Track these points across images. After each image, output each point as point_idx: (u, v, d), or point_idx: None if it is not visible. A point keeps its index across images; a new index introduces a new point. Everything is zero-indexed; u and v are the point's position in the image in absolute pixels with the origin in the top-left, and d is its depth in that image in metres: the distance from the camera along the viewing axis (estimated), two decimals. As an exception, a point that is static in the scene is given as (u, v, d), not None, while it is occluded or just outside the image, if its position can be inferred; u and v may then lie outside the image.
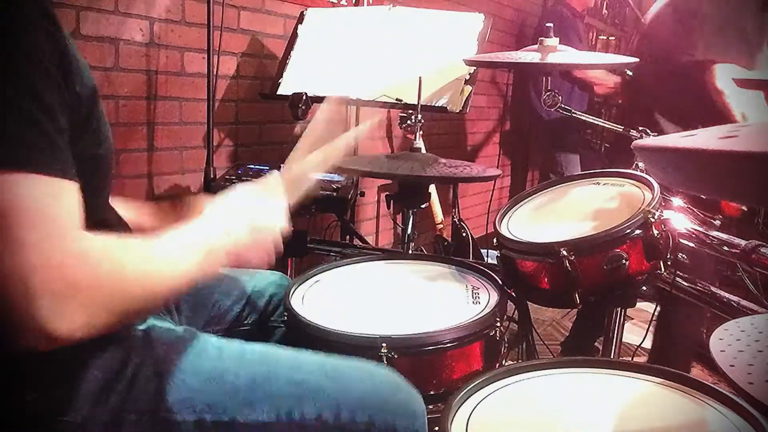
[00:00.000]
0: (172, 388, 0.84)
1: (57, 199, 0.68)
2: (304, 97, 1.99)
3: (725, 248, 1.41)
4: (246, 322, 1.26)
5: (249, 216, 0.92)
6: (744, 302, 1.45)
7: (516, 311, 1.69)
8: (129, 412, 0.82)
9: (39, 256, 0.64)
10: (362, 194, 2.18)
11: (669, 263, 1.31)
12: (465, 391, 0.98)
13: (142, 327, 0.91)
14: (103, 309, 0.69)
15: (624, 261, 1.23)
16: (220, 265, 0.87)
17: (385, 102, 2.05)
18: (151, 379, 0.84)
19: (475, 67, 2.00)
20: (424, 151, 1.67)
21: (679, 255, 1.44)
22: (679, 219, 1.49)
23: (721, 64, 1.87)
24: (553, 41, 1.61)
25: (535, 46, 1.65)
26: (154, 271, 0.77)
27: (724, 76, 1.87)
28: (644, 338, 2.00)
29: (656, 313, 1.90)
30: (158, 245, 0.80)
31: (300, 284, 1.34)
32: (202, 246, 0.83)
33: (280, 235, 0.96)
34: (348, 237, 2.56)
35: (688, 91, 1.95)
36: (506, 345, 1.24)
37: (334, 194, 1.92)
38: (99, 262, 0.69)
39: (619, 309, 1.45)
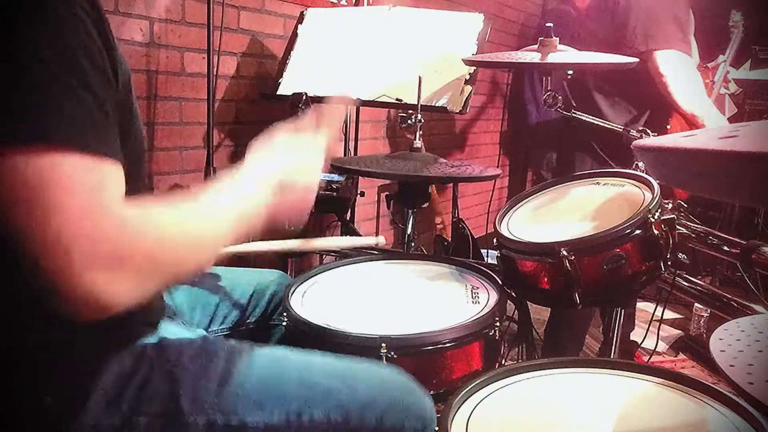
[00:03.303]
0: (183, 390, 0.84)
1: (99, 172, 0.67)
2: (304, 97, 1.99)
3: (725, 248, 1.41)
4: (248, 321, 1.26)
5: (286, 168, 0.93)
6: (744, 302, 1.45)
7: (516, 311, 1.69)
8: (141, 414, 0.82)
9: (80, 226, 0.63)
10: (362, 194, 2.18)
11: (669, 263, 1.31)
12: (465, 391, 0.98)
13: (152, 329, 0.92)
14: (150, 274, 0.69)
15: (624, 261, 1.23)
16: (258, 219, 0.87)
17: (385, 102, 2.05)
18: (162, 382, 0.84)
19: (475, 67, 2.00)
20: (424, 151, 1.67)
21: (679, 255, 1.43)
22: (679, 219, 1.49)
23: (661, 50, 1.94)
24: (553, 41, 1.61)
25: (535, 46, 1.65)
26: (197, 229, 0.77)
27: (664, 62, 1.94)
28: (644, 338, 2.00)
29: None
30: (198, 203, 0.80)
31: (300, 284, 1.34)
32: (241, 199, 0.84)
33: (315, 189, 0.96)
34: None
35: (631, 81, 2.01)
36: (506, 345, 1.24)
37: (334, 194, 1.93)
38: (141, 228, 0.69)
39: (619, 309, 1.45)
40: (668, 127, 2.11)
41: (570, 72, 2.21)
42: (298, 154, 0.96)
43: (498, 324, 1.19)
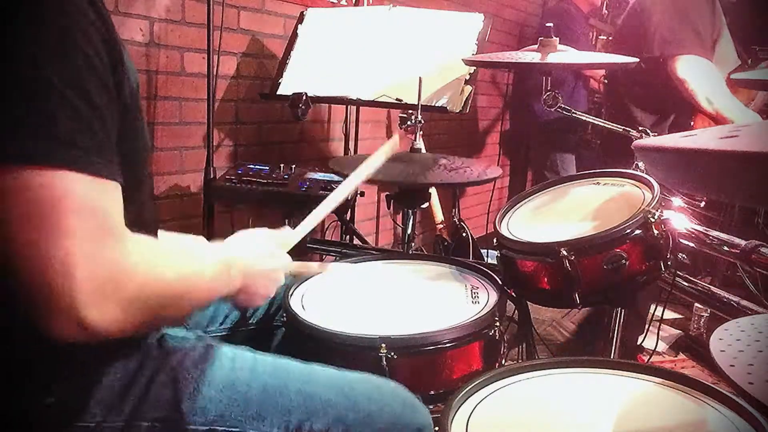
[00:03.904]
0: (185, 396, 0.85)
1: (105, 195, 0.69)
2: (304, 97, 1.99)
3: (725, 248, 1.41)
4: (249, 322, 1.26)
5: (262, 248, 1.00)
6: (744, 302, 1.45)
7: (516, 311, 1.69)
8: (142, 419, 0.82)
9: (87, 248, 0.65)
10: (362, 194, 2.18)
11: (669, 263, 1.31)
12: (465, 391, 0.98)
13: (156, 335, 0.92)
14: (140, 309, 0.71)
15: (624, 261, 1.22)
16: (234, 284, 0.91)
17: (385, 102, 2.05)
18: (165, 387, 0.85)
19: (475, 67, 2.00)
20: (424, 151, 1.67)
21: (679, 255, 1.43)
22: (679, 219, 1.49)
23: (682, 55, 2.04)
24: (553, 41, 1.61)
25: (535, 46, 1.64)
26: (188, 280, 0.80)
27: (684, 66, 2.03)
28: (644, 338, 2.00)
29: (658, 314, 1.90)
30: (191, 256, 0.85)
31: (299, 284, 1.34)
32: (224, 264, 0.88)
33: (282, 275, 1.04)
34: (348, 237, 2.56)
35: (656, 85, 2.12)
36: (506, 345, 1.24)
37: (334, 194, 1.92)
38: (143, 262, 0.71)
39: (619, 309, 1.45)
40: (692, 123, 2.21)
41: (605, 80, 2.26)
42: (271, 241, 1.06)
43: (498, 324, 1.19)
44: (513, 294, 1.44)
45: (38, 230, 0.64)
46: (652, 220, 1.24)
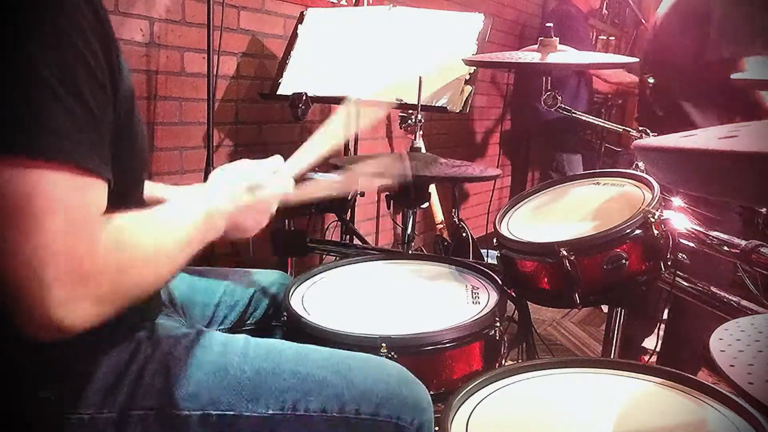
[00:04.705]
0: (177, 383, 0.85)
1: (82, 192, 0.68)
2: (304, 97, 1.99)
3: (725, 248, 1.41)
4: (249, 321, 1.27)
5: (246, 180, 0.97)
6: (744, 302, 1.45)
7: (516, 311, 1.69)
8: (136, 408, 0.83)
9: (55, 247, 0.64)
10: (362, 194, 2.18)
11: (669, 263, 1.31)
12: (465, 391, 0.98)
13: (148, 324, 0.92)
14: (114, 298, 0.70)
15: (624, 261, 1.23)
16: (219, 229, 0.89)
17: (385, 102, 2.05)
18: (157, 375, 0.85)
19: (475, 67, 2.00)
20: (424, 151, 1.67)
21: (679, 255, 1.43)
22: (679, 219, 1.49)
23: (749, 57, 1.91)
24: (553, 41, 1.61)
25: (535, 46, 1.64)
26: (164, 249, 0.78)
27: (750, 68, 1.91)
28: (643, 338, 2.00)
29: (664, 316, 1.90)
30: (163, 217, 0.82)
31: (300, 284, 1.34)
32: (202, 210, 0.86)
33: (280, 198, 1.02)
34: (348, 237, 2.56)
35: (719, 86, 1.98)
36: (506, 345, 1.25)
37: (334, 194, 1.92)
38: (111, 252, 0.70)
39: (619, 309, 1.45)
40: None
41: (651, 80, 2.19)
42: (258, 168, 1.04)
43: (498, 324, 1.19)
44: (513, 294, 1.44)
45: (9, 227, 0.64)
46: (652, 220, 1.24)
